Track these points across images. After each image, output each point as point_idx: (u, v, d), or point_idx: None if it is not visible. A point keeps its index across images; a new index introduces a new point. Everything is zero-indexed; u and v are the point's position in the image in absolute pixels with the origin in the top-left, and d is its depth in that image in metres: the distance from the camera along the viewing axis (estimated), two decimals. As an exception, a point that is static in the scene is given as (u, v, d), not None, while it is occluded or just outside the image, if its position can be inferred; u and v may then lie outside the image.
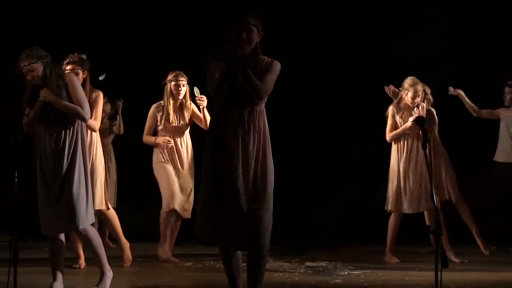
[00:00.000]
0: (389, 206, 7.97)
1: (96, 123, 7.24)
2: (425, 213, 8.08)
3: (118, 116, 8.91)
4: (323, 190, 9.88)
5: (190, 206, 7.66)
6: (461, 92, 8.60)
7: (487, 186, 8.99)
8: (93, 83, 7.27)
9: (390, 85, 8.14)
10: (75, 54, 7.12)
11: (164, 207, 7.70)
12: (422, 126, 5.20)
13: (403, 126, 7.94)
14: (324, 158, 9.91)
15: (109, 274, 6.12)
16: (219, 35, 5.39)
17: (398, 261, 7.90)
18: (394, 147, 8.03)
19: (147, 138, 7.77)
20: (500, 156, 8.96)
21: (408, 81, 7.96)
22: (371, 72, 9.58)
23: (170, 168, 7.67)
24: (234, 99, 5.12)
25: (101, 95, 7.28)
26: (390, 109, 8.07)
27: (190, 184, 7.71)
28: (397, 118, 8.05)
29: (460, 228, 8.52)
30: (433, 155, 8.05)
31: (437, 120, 8.11)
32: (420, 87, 7.95)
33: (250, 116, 5.14)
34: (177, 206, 7.62)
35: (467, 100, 8.61)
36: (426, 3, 9.56)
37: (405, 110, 7.99)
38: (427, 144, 7.34)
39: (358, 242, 9.16)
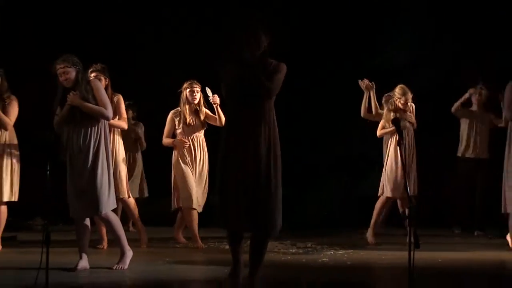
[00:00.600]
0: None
1: (123, 122, 7.27)
2: (398, 201, 8.11)
3: (140, 138, 8.95)
4: (313, 181, 9.85)
5: (203, 200, 7.61)
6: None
7: (452, 179, 8.97)
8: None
9: (365, 79, 8.13)
10: (98, 64, 7.13)
11: (184, 204, 7.53)
12: (398, 127, 5.21)
13: (391, 127, 7.91)
14: (315, 153, 9.86)
15: (128, 253, 6.14)
16: (229, 41, 5.34)
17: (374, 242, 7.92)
18: (393, 141, 8.01)
19: (166, 140, 7.66)
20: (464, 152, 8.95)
21: (398, 90, 7.97)
22: (356, 78, 9.58)
23: (188, 170, 7.51)
24: (246, 98, 5.09)
25: (121, 97, 7.30)
26: (385, 113, 8.09)
27: (205, 181, 7.60)
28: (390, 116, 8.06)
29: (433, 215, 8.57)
30: (411, 151, 8.10)
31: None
32: (409, 95, 7.98)
33: (260, 113, 5.10)
34: (195, 205, 7.49)
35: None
36: (403, 18, 9.50)
37: (397, 113, 7.99)
38: (402, 141, 7.41)
39: (342, 226, 9.11)
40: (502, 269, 6.52)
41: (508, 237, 7.36)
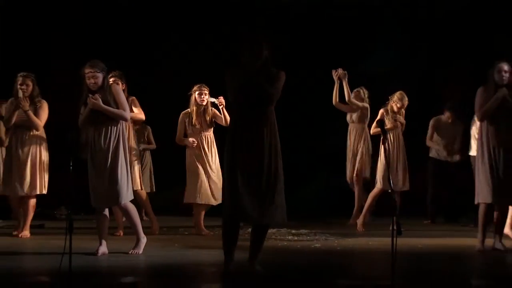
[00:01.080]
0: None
1: (141, 115, 7.33)
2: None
3: (151, 141, 8.94)
4: (305, 174, 9.86)
5: (220, 193, 7.52)
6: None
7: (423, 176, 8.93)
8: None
9: (339, 69, 8.14)
10: (116, 71, 7.11)
11: (190, 199, 7.47)
12: (382, 127, 5.23)
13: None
14: (307, 149, 9.89)
15: (143, 240, 6.17)
16: (235, 52, 5.32)
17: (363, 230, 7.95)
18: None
19: (179, 140, 7.59)
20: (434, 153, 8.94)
21: (398, 95, 8.06)
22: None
23: (200, 167, 7.41)
24: (251, 104, 5.08)
25: (135, 99, 7.33)
26: (380, 112, 8.16)
27: (220, 175, 7.36)
28: (384, 117, 8.11)
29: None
30: (398, 148, 8.16)
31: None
32: (406, 101, 8.08)
33: (263, 116, 5.09)
34: (204, 200, 7.43)
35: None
36: (384, 34, 9.57)
37: (391, 114, 8.08)
38: (386, 140, 7.49)
39: (332, 215, 9.11)
40: (472, 251, 6.51)
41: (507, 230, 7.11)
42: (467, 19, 9.42)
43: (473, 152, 8.13)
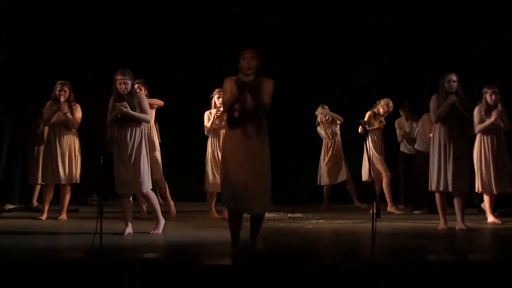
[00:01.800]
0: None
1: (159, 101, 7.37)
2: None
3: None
4: (300, 166, 9.87)
5: None
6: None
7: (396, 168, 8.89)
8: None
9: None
10: (140, 78, 7.08)
11: (209, 187, 7.37)
12: (365, 128, 5.29)
13: (373, 127, 8.20)
14: (301, 146, 9.90)
15: (162, 221, 6.19)
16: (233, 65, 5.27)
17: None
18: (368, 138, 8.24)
19: (207, 130, 7.36)
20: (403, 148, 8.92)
21: (386, 101, 8.23)
22: (333, 91, 9.68)
23: (217, 160, 7.19)
24: (245, 112, 5.02)
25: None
26: (368, 114, 8.24)
27: None
28: (372, 120, 8.18)
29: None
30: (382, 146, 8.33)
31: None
32: (391, 105, 8.24)
33: (256, 122, 5.03)
34: (206, 188, 7.39)
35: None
36: (367, 49, 9.57)
37: (378, 117, 8.25)
38: (367, 138, 7.53)
39: (321, 202, 9.14)
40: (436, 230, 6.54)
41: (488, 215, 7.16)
42: (437, 37, 9.44)
43: (418, 146, 8.26)
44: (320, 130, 8.89)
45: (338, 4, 8.80)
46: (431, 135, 6.74)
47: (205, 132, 7.40)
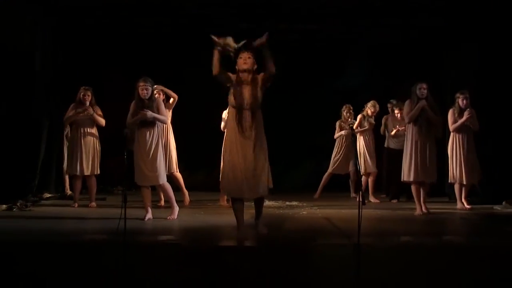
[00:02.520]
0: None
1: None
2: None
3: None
4: (297, 160, 9.86)
5: None
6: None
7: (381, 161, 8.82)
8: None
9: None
10: (157, 85, 7.10)
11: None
12: (352, 129, 5.28)
13: (364, 128, 8.16)
14: (298, 143, 9.88)
15: (176, 208, 6.19)
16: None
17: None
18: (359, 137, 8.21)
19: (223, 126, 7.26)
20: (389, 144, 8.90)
21: (373, 103, 8.22)
22: (325, 95, 9.64)
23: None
24: (241, 106, 4.99)
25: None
26: (359, 118, 8.21)
27: None
28: (363, 122, 8.16)
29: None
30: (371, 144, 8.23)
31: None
32: (377, 107, 8.23)
33: (254, 115, 5.00)
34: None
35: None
36: (353, 59, 9.54)
37: (367, 118, 8.20)
38: (353, 134, 7.50)
39: (315, 191, 9.13)
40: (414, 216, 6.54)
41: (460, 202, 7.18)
42: (418, 49, 9.38)
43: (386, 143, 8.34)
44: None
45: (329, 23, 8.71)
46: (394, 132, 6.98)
47: (221, 128, 7.35)
